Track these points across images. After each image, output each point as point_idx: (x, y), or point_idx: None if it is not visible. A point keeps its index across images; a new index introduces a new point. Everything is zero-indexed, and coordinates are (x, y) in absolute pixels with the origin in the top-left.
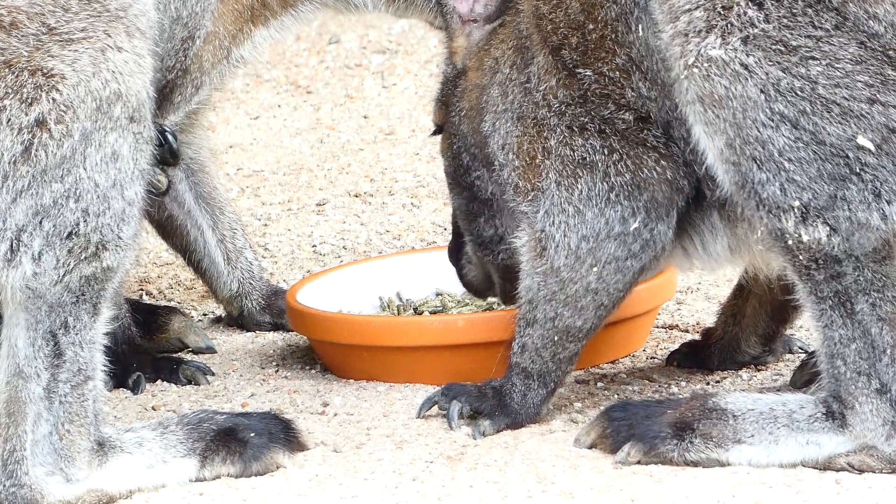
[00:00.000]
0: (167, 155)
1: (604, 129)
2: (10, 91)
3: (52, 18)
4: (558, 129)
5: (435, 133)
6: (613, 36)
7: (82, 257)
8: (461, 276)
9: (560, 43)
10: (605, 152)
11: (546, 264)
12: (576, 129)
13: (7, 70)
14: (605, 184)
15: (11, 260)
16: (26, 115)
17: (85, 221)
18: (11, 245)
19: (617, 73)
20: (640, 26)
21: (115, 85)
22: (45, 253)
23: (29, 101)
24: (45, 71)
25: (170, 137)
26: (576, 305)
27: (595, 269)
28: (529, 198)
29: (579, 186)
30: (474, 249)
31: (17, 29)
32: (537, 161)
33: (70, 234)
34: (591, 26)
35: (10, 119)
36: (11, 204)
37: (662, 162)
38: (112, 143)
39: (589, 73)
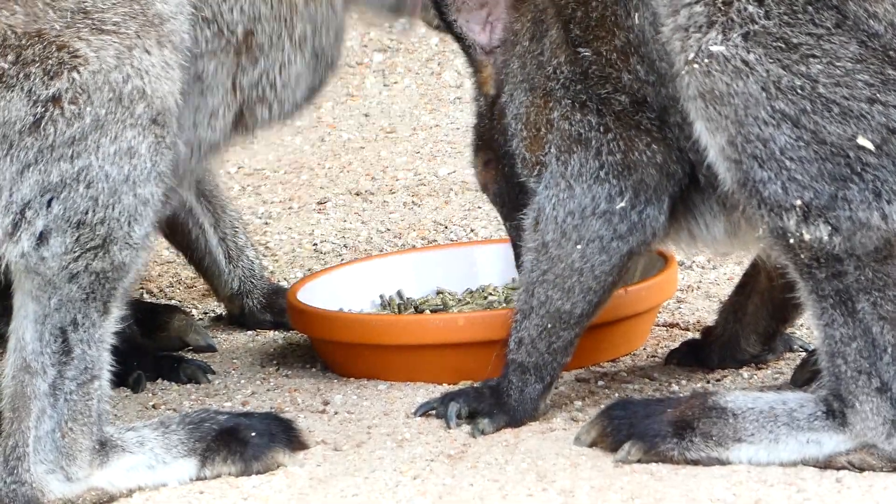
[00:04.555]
0: None
1: (601, 108)
2: (36, 59)
3: (90, 2)
4: (563, 102)
5: (485, 187)
6: (613, 18)
7: (88, 247)
8: None
9: (570, 17)
10: (601, 130)
11: (538, 239)
12: (577, 105)
13: (37, 39)
14: (596, 161)
15: (13, 234)
16: (46, 87)
17: (94, 211)
18: (15, 219)
19: (615, 54)
20: (637, 14)
21: (138, 82)
22: (53, 236)
23: (51, 73)
24: (70, 50)
25: None
26: (563, 286)
27: (579, 246)
28: (535, 172)
29: (572, 162)
30: None
31: (56, 1)
32: (541, 133)
33: (79, 221)
34: (593, 3)
35: (31, 88)
36: (18, 176)
37: (654, 146)
38: (129, 139)
39: (588, 52)
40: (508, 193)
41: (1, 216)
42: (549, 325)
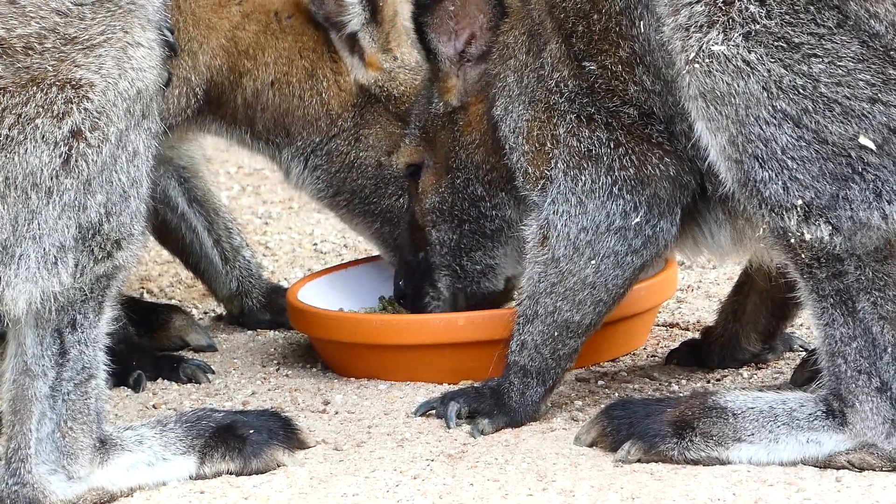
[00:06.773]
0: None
1: (610, 121)
2: (40, 111)
3: (71, 28)
4: (568, 117)
5: (412, 174)
6: (618, 29)
7: (99, 257)
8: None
9: (571, 31)
10: (611, 145)
11: (547, 253)
12: (584, 120)
13: (36, 88)
14: (608, 177)
15: (52, 270)
16: (59, 128)
17: (108, 221)
18: (56, 257)
19: (620, 66)
20: (641, 22)
21: (139, 83)
22: (73, 257)
23: (61, 115)
24: (73, 83)
25: (165, 31)
26: (574, 299)
27: (593, 261)
28: (539, 186)
29: (583, 178)
30: (451, 283)
31: (33, 49)
32: (546, 148)
33: (94, 234)
34: (595, 16)
35: (44, 136)
36: (59, 218)
37: (666, 159)
38: (133, 142)
39: (594, 66)
40: (451, 207)
41: (47, 257)
42: (556, 334)
